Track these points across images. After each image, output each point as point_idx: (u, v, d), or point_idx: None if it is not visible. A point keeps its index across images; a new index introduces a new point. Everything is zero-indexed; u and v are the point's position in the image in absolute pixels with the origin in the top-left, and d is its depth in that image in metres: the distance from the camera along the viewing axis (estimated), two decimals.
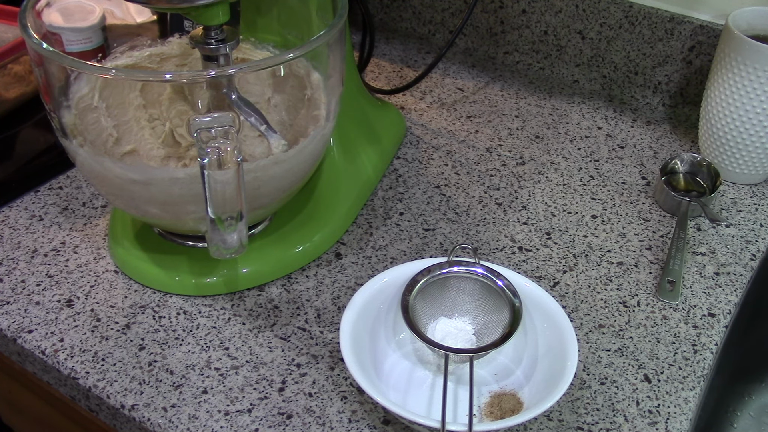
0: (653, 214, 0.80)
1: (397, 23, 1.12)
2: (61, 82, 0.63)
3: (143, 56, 0.72)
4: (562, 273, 0.72)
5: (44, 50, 0.56)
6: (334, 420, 0.58)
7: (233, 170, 0.53)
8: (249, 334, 0.65)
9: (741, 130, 0.80)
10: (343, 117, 0.71)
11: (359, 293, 0.62)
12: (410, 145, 0.89)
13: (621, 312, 0.68)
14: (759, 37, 0.77)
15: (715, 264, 0.74)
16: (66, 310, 0.66)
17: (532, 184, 0.84)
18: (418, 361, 0.63)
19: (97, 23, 0.79)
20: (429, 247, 0.75)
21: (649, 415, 0.60)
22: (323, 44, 0.61)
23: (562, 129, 0.93)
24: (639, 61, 0.95)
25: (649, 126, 0.94)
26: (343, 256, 0.73)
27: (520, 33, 1.02)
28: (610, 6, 0.94)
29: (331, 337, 0.65)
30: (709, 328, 0.67)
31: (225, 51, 0.61)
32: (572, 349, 0.58)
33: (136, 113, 0.69)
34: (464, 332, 0.62)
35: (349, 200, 0.77)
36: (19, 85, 0.86)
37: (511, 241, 0.76)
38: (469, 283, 0.63)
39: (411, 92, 0.99)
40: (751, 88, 0.77)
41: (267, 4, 0.73)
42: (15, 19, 0.90)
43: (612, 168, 0.86)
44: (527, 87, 1.01)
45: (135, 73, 0.69)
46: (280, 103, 0.72)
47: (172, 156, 0.69)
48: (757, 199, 0.83)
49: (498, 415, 0.58)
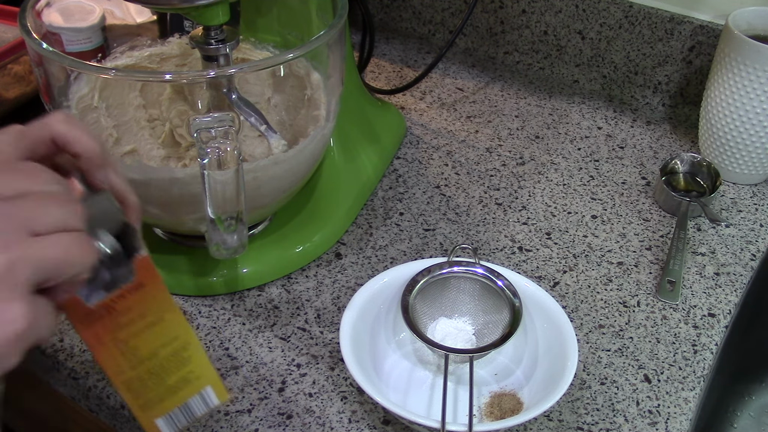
0: (653, 214, 0.80)
1: (397, 23, 1.12)
2: (61, 82, 0.63)
3: (143, 56, 0.72)
4: (562, 273, 0.72)
5: (44, 50, 0.56)
6: (334, 420, 0.58)
7: (233, 170, 0.53)
8: (249, 334, 0.65)
9: (741, 130, 0.80)
10: (343, 117, 0.71)
11: (359, 293, 0.62)
12: (410, 145, 0.89)
13: (621, 312, 0.68)
14: (759, 37, 0.77)
15: (715, 264, 0.74)
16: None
17: (532, 184, 0.84)
18: (418, 361, 0.63)
19: (97, 23, 0.79)
20: (429, 247, 0.75)
21: (649, 415, 0.60)
22: (323, 44, 0.61)
23: (562, 129, 0.93)
24: (639, 61, 0.95)
25: (649, 126, 0.94)
26: (343, 256, 0.73)
27: (520, 33, 1.02)
28: (610, 6, 0.94)
29: (331, 337, 0.65)
30: (709, 328, 0.67)
31: (225, 51, 0.61)
32: (572, 349, 0.58)
33: (135, 113, 0.69)
34: (464, 332, 0.62)
35: (349, 200, 0.77)
36: (19, 85, 0.86)
37: (511, 241, 0.76)
38: (469, 283, 0.63)
39: (411, 92, 0.99)
40: (751, 88, 0.77)
41: (267, 4, 0.73)
42: (15, 19, 0.90)
43: (612, 168, 0.86)
44: (527, 87, 1.01)
45: (135, 73, 0.69)
46: (280, 103, 0.72)
47: (172, 156, 0.69)
48: (757, 199, 0.83)
49: (498, 415, 0.58)
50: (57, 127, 0.42)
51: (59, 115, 0.43)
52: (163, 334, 0.43)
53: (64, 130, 0.42)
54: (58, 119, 0.42)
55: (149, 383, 0.44)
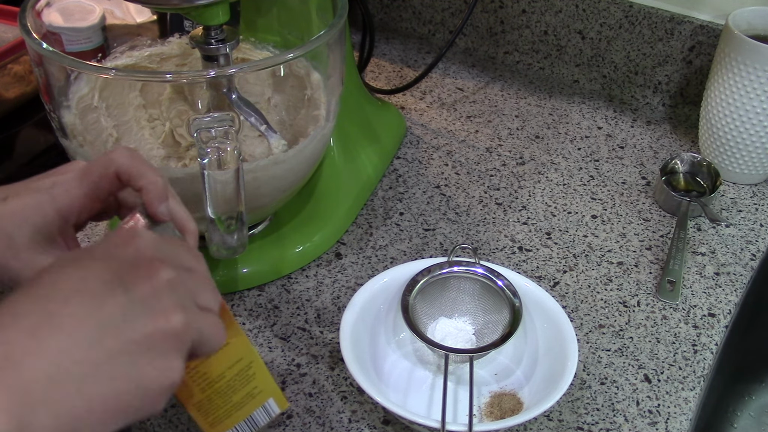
0: (653, 214, 0.80)
1: (397, 23, 1.12)
2: (61, 82, 0.63)
3: (143, 56, 0.72)
4: (562, 273, 0.72)
5: (44, 50, 0.56)
6: (334, 420, 0.58)
7: (233, 170, 0.53)
8: (249, 334, 0.65)
9: (741, 130, 0.80)
10: (343, 117, 0.71)
11: (359, 293, 0.62)
12: (410, 145, 0.89)
13: (621, 312, 0.68)
14: (759, 37, 0.77)
15: (715, 264, 0.74)
16: None
17: (532, 184, 0.84)
18: (418, 361, 0.63)
19: (97, 23, 0.79)
20: (429, 247, 0.75)
21: (649, 415, 0.60)
22: (323, 44, 0.61)
23: (562, 129, 0.93)
24: (639, 61, 0.95)
25: (649, 126, 0.94)
26: (343, 256, 0.73)
27: (520, 33, 1.02)
28: (610, 6, 0.94)
29: (331, 337, 0.65)
30: (709, 328, 0.67)
31: (225, 51, 0.61)
32: (572, 349, 0.57)
33: (136, 113, 0.69)
34: (464, 332, 0.62)
35: (349, 200, 0.77)
36: (19, 85, 0.86)
37: (511, 241, 0.76)
38: (469, 283, 0.63)
39: (411, 92, 0.99)
40: (751, 88, 0.77)
41: (267, 4, 0.73)
42: (15, 19, 0.90)
43: (612, 168, 0.86)
44: (527, 87, 1.01)
45: (135, 73, 0.69)
46: (280, 103, 0.72)
47: (171, 156, 0.69)
48: (757, 199, 0.83)
49: (498, 415, 0.58)
50: (121, 162, 0.44)
51: (123, 150, 0.45)
52: (229, 357, 0.46)
53: (129, 164, 0.44)
54: (122, 154, 0.44)
55: (217, 402, 0.46)
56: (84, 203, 0.45)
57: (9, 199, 0.45)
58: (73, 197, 0.45)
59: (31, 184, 0.46)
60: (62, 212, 0.45)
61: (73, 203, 0.45)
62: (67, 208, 0.45)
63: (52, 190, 0.45)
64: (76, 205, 0.45)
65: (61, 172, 0.46)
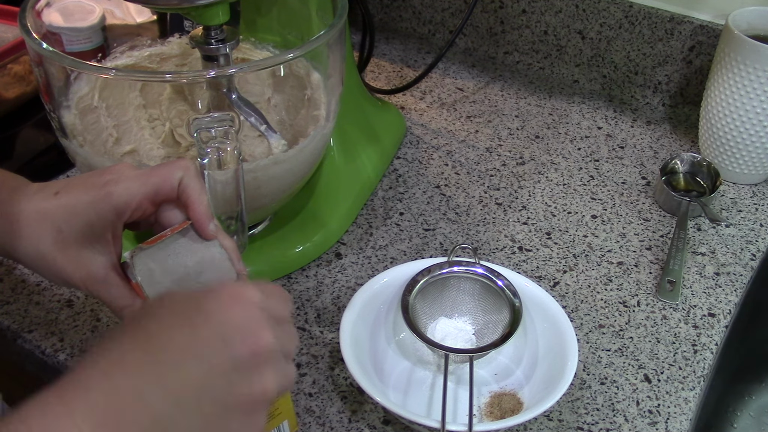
0: (653, 214, 0.80)
1: (397, 23, 1.12)
2: (61, 82, 0.63)
3: (143, 56, 0.72)
4: (562, 273, 0.72)
5: (44, 50, 0.56)
6: (334, 420, 0.58)
7: (233, 170, 0.53)
8: None
9: (741, 130, 0.80)
10: (343, 117, 0.71)
11: (359, 293, 0.62)
12: (410, 145, 0.89)
13: (621, 312, 0.68)
14: (759, 37, 0.77)
15: (715, 264, 0.74)
16: (66, 310, 0.66)
17: (532, 184, 0.84)
18: (418, 361, 0.63)
19: (97, 23, 0.79)
20: (429, 247, 0.75)
21: (649, 415, 0.60)
22: (323, 44, 0.61)
23: (562, 129, 0.93)
24: (639, 61, 0.95)
25: (649, 126, 0.94)
26: (343, 256, 0.73)
27: (520, 33, 1.02)
28: (610, 6, 0.94)
29: (331, 337, 0.65)
30: (709, 328, 0.67)
31: (225, 51, 0.61)
32: (572, 349, 0.58)
33: (136, 113, 0.69)
34: (464, 332, 0.62)
35: (349, 200, 0.77)
36: (19, 85, 0.86)
37: (511, 241, 0.76)
38: (469, 283, 0.63)
39: (411, 92, 0.99)
40: (751, 88, 0.77)
41: (267, 4, 0.73)
42: (15, 19, 0.90)
43: (612, 168, 0.86)
44: (527, 87, 1.01)
45: (135, 73, 0.69)
46: (280, 103, 0.72)
47: (172, 156, 0.69)
48: (757, 199, 0.83)
49: (498, 415, 0.58)
50: (187, 173, 0.46)
51: (189, 162, 0.47)
52: None
53: (192, 176, 0.47)
54: (188, 166, 0.47)
55: None
56: (141, 203, 0.47)
57: (60, 193, 0.47)
58: (132, 195, 0.46)
59: (86, 180, 0.47)
60: (118, 209, 0.46)
61: (131, 201, 0.46)
62: (123, 205, 0.46)
63: (108, 187, 0.46)
64: (133, 203, 0.46)
65: (115, 171, 0.47)
